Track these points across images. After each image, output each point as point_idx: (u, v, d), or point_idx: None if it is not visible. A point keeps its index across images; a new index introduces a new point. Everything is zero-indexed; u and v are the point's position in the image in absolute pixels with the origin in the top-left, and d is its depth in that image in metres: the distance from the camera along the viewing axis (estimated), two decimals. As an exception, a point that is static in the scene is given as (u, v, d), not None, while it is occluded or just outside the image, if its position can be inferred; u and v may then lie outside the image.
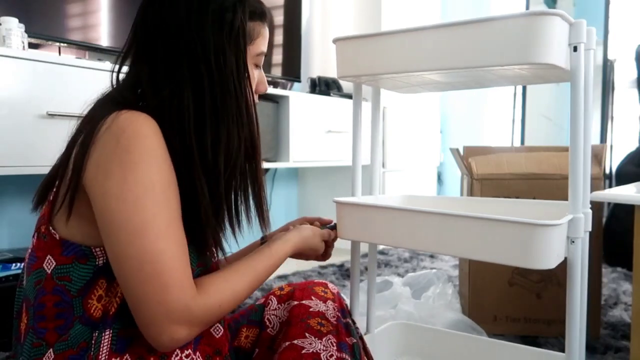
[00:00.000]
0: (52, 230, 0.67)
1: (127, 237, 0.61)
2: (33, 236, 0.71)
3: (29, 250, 0.71)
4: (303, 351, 0.76)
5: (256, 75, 0.80)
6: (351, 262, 1.12)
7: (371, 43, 0.95)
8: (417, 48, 0.89)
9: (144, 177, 0.62)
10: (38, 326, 0.67)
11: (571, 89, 0.85)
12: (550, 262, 0.80)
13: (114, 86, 0.76)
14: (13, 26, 1.48)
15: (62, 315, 0.66)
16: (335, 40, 1.00)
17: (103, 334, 0.65)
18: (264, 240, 0.95)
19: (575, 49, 0.84)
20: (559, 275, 1.56)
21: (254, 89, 0.78)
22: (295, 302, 0.88)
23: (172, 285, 0.61)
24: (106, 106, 0.69)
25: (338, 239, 1.00)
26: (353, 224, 0.99)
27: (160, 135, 0.65)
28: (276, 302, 0.91)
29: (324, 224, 1.00)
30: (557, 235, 0.81)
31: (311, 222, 0.99)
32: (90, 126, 0.66)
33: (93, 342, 0.65)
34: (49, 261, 0.67)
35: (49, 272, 0.67)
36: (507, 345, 1.20)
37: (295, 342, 0.78)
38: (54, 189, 0.70)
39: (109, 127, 0.63)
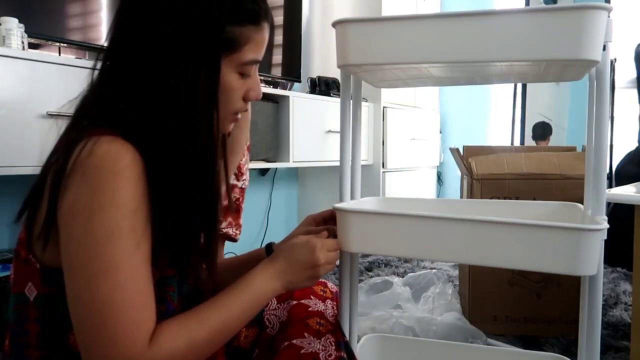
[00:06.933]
0: (32, 258, 0.65)
1: (82, 284, 0.58)
2: (14, 257, 0.69)
3: (12, 269, 0.69)
4: (302, 351, 0.76)
5: (241, 85, 0.72)
6: (340, 267, 0.93)
7: (394, 27, 0.84)
8: (446, 36, 0.79)
9: (109, 221, 0.57)
10: (23, 353, 0.65)
11: (597, 89, 0.81)
12: (594, 267, 0.76)
13: (91, 87, 0.72)
14: (13, 26, 1.48)
15: (44, 346, 0.65)
16: (335, 24, 0.88)
17: None
18: (270, 250, 0.89)
19: (604, 47, 0.78)
20: (559, 275, 1.56)
21: (231, 105, 0.71)
22: (295, 302, 0.88)
23: (121, 337, 0.57)
24: (82, 127, 0.66)
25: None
26: (365, 234, 0.86)
27: (136, 166, 0.60)
28: (275, 302, 0.91)
29: (332, 232, 0.88)
30: (600, 239, 0.77)
31: (318, 223, 0.94)
32: (65, 151, 0.62)
33: None
34: (30, 288, 0.65)
35: (31, 299, 0.65)
36: (491, 350, 1.15)
37: (294, 342, 0.78)
38: (28, 213, 0.67)
39: (83, 159, 0.59)
